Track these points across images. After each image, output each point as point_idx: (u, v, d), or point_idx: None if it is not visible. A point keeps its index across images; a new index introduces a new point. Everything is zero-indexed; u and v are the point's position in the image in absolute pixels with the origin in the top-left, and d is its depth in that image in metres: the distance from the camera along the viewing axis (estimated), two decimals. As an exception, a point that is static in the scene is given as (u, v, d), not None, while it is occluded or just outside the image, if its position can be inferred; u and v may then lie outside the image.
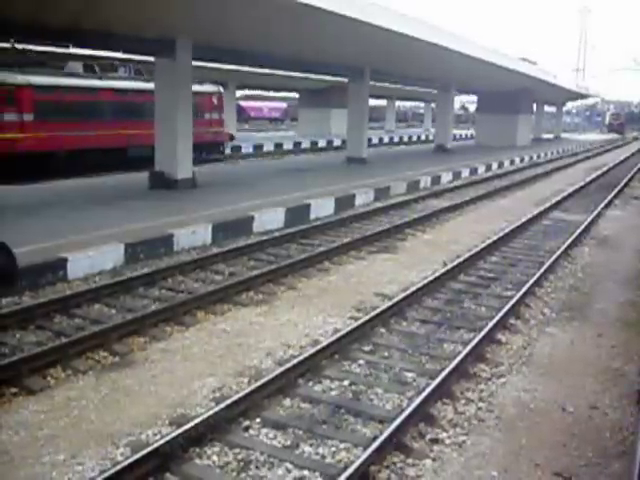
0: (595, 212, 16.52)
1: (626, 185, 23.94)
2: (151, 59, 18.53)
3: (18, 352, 6.72)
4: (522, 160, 33.43)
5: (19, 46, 19.66)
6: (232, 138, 33.46)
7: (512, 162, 31.78)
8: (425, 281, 9.42)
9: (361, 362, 6.79)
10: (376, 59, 24.99)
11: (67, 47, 20.74)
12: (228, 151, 32.95)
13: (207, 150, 28.91)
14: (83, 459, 4.88)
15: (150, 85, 20.59)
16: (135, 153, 23.97)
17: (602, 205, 17.86)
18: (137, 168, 20.92)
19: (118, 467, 4.48)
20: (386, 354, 7.06)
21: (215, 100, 29.79)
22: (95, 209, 13.92)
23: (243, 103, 64.47)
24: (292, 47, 20.66)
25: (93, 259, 9.92)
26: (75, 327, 7.63)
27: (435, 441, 5.24)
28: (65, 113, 21.90)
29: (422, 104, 76.25)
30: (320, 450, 5.08)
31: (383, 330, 7.77)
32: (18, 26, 14.03)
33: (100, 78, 24.62)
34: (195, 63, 18.08)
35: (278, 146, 38.69)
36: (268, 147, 37.93)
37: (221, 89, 31.00)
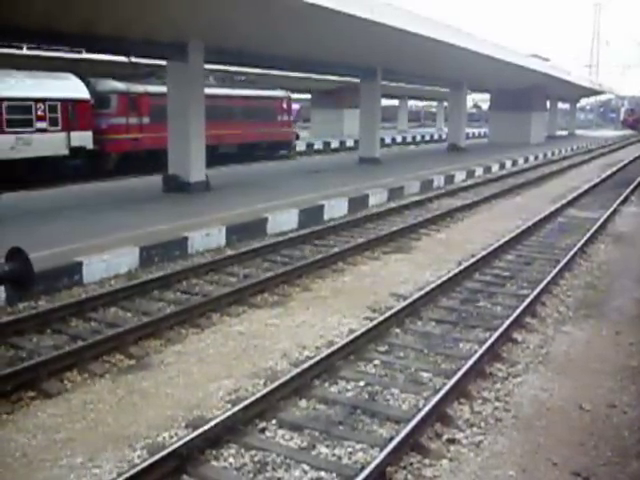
0: (611, 209, 16.39)
1: (642, 181, 23.70)
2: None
3: (35, 356, 6.77)
4: (536, 158, 33.21)
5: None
6: (298, 137, 37.43)
7: (526, 160, 31.58)
8: (440, 280, 9.39)
9: (377, 362, 6.78)
10: (388, 59, 24.93)
11: (80, 52, 21.04)
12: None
13: (279, 148, 33.58)
14: (100, 462, 4.90)
15: (234, 91, 26.17)
16: (224, 150, 28.39)
17: (618, 202, 17.71)
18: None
19: (135, 469, 4.50)
20: (402, 354, 7.04)
21: (285, 104, 33.64)
22: (110, 212, 14.00)
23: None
24: (303, 48, 20.65)
25: (108, 262, 9.97)
26: (91, 330, 7.69)
27: (452, 441, 5.22)
28: None
29: (434, 103, 75.91)
30: (337, 451, 5.07)
31: (398, 330, 7.75)
32: (31, 32, 14.18)
33: None
34: (206, 66, 18.14)
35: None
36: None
37: (290, 94, 34.34)
